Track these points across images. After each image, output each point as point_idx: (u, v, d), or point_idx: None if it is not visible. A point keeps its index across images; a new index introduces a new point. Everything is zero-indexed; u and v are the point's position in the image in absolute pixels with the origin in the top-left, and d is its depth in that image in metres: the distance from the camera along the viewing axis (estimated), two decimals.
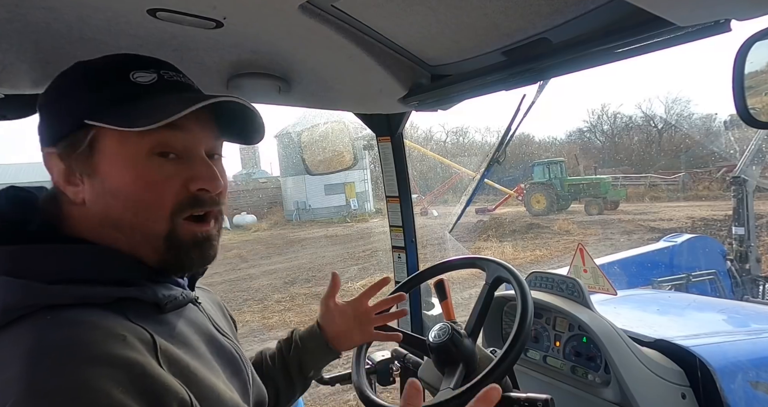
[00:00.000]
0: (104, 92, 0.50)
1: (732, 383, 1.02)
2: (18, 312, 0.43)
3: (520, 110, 1.60)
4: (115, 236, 0.50)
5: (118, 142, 0.49)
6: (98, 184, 0.50)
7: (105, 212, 0.50)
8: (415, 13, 0.77)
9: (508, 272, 0.92)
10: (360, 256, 10.49)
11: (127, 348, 0.43)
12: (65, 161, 0.50)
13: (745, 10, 0.59)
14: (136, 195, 0.50)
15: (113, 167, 0.50)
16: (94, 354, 0.41)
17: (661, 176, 17.05)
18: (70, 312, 0.44)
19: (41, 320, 0.42)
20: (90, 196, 0.50)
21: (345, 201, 19.46)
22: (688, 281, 3.24)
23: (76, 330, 0.42)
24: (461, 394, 0.76)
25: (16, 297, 0.43)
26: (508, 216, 13.90)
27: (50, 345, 0.41)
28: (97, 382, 0.39)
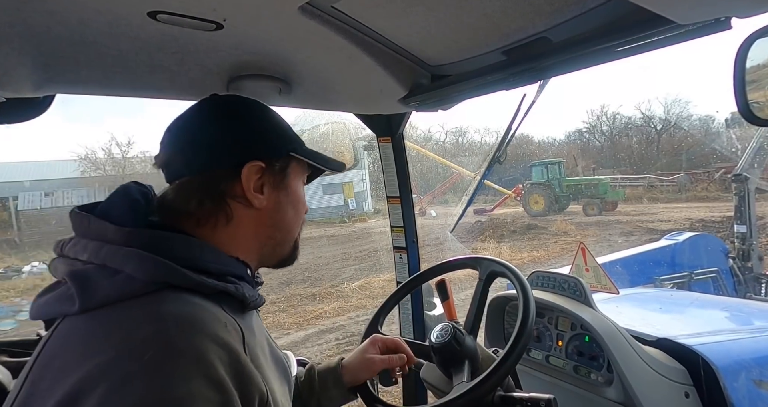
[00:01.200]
0: (292, 134, 0.71)
1: (735, 381, 1.02)
2: (157, 285, 0.51)
3: (520, 110, 1.60)
4: (262, 231, 0.66)
5: (297, 172, 0.70)
6: (281, 197, 0.67)
7: (279, 217, 0.67)
8: (414, 13, 0.77)
9: (510, 272, 0.92)
10: (357, 256, 10.46)
11: (227, 333, 0.51)
12: (261, 175, 0.64)
13: (746, 8, 0.59)
14: (299, 208, 0.71)
15: (295, 188, 0.70)
16: (207, 332, 0.49)
17: (659, 177, 17.02)
18: (188, 294, 0.53)
19: (170, 296, 0.51)
20: (270, 204, 0.65)
21: (343, 201, 19.44)
22: (690, 279, 3.23)
23: (195, 309, 0.51)
24: (478, 384, 0.76)
25: (160, 274, 0.52)
26: (506, 217, 13.84)
27: (179, 316, 0.49)
28: (210, 356, 0.47)
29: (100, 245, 0.53)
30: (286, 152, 0.67)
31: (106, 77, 0.88)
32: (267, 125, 0.68)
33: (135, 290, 0.50)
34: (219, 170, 0.62)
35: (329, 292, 7.53)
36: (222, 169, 0.62)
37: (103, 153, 20.84)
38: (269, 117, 0.69)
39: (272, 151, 0.66)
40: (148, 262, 0.52)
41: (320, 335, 5.59)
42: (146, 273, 0.51)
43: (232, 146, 0.63)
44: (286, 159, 0.68)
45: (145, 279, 0.51)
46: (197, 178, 0.61)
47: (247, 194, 0.63)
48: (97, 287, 0.50)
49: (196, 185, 0.61)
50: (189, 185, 0.61)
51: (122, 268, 0.51)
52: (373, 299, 6.74)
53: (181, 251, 0.55)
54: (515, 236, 11.23)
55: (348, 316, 6.24)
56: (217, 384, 0.45)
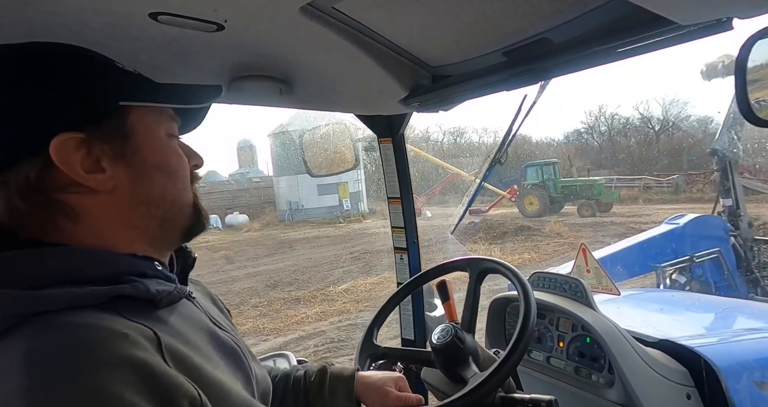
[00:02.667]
0: (122, 77, 0.52)
1: (737, 383, 1.01)
2: (7, 322, 0.40)
3: (521, 111, 1.59)
4: (133, 212, 0.51)
5: (149, 124, 0.52)
6: (137, 165, 0.51)
7: (144, 190, 0.51)
8: (415, 14, 0.77)
9: (511, 272, 0.92)
10: (347, 258, 10.36)
11: (132, 346, 0.41)
12: (86, 148, 0.47)
13: (747, 9, 0.58)
14: (174, 167, 0.54)
15: (154, 145, 0.52)
16: (97, 356, 0.38)
17: (655, 178, 17.00)
18: (61, 316, 0.41)
19: (32, 328, 0.40)
20: (122, 179, 0.49)
21: (338, 201, 19.40)
22: (692, 262, 3.20)
23: (74, 333, 0.40)
24: (479, 386, 0.76)
25: (6, 306, 0.40)
26: (499, 218, 13.72)
27: (48, 352, 0.38)
28: (106, 385, 0.37)
29: None
30: (113, 106, 0.49)
31: None
32: (67, 78, 0.48)
33: None
34: (19, 162, 0.45)
35: (314, 295, 7.42)
36: (23, 158, 0.45)
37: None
38: (73, 62, 0.50)
39: (90, 110, 0.47)
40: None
41: (299, 341, 5.42)
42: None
43: (23, 124, 0.45)
44: (120, 114, 0.50)
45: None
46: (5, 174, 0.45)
47: (78, 179, 0.46)
48: None
49: (7, 184, 0.45)
50: (4, 186, 0.45)
51: None
52: (358, 302, 6.67)
53: (30, 270, 0.43)
54: (508, 237, 11.16)
55: (330, 321, 6.11)
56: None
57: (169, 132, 0.55)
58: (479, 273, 0.97)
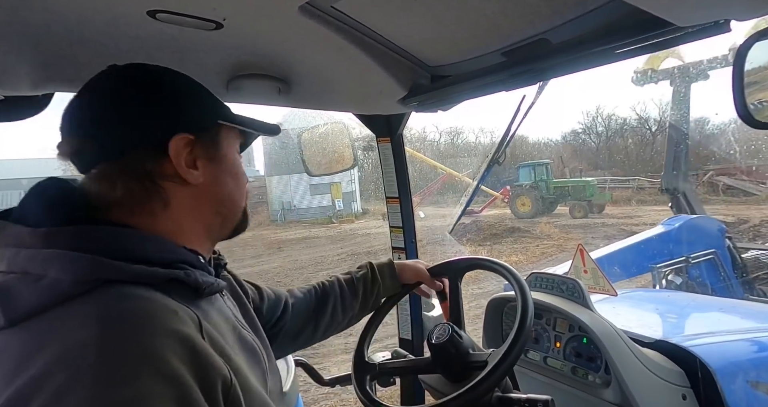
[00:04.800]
0: (217, 101, 0.66)
1: (732, 383, 1.02)
2: (89, 284, 0.47)
3: (519, 111, 1.60)
4: (206, 208, 0.62)
5: (230, 141, 0.66)
6: (217, 169, 0.62)
7: (219, 190, 0.63)
8: (414, 14, 0.77)
9: (510, 273, 0.93)
10: (334, 260, 10.25)
11: (180, 322, 0.48)
12: (191, 149, 0.58)
13: (745, 11, 0.59)
14: (240, 178, 0.67)
15: (231, 157, 0.65)
16: (155, 325, 0.46)
17: (649, 179, 17.04)
18: (128, 287, 0.49)
19: (107, 293, 0.47)
20: (208, 178, 0.61)
21: (331, 201, 19.29)
22: (688, 263, 3.21)
23: (138, 302, 0.47)
24: (476, 385, 0.76)
25: (88, 271, 0.48)
26: (491, 219, 13.63)
27: (118, 314, 0.45)
28: (160, 351, 0.44)
29: (16, 252, 0.49)
30: (214, 121, 0.62)
31: None
32: (189, 93, 0.62)
33: (64, 293, 0.46)
34: (141, 150, 0.56)
35: None
36: (145, 148, 0.56)
37: None
38: (190, 84, 0.63)
39: (200, 121, 0.61)
40: (71, 261, 0.47)
41: None
42: (73, 273, 0.47)
43: (152, 121, 0.56)
44: (216, 128, 0.63)
45: (73, 280, 0.47)
46: (118, 162, 0.55)
47: (180, 171, 0.57)
48: (20, 297, 0.46)
49: (117, 170, 0.55)
50: (110, 171, 0.55)
51: (45, 272, 0.47)
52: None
53: (110, 244, 0.50)
54: (496, 239, 11.09)
55: None
56: (170, 379, 0.43)
57: (237, 149, 0.69)
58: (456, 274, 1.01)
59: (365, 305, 1.02)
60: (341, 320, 1.00)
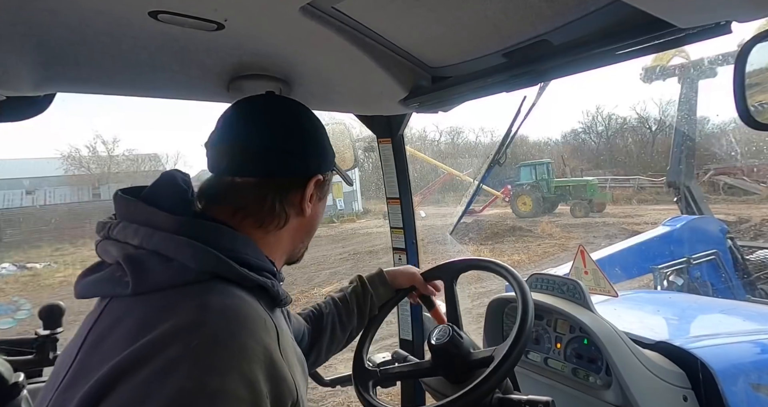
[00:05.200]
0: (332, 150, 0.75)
1: (733, 385, 1.02)
2: (207, 275, 0.53)
3: (520, 112, 1.60)
4: (299, 236, 0.71)
5: (329, 185, 0.74)
6: (320, 207, 0.73)
7: (313, 225, 0.74)
8: (415, 15, 0.77)
9: (510, 274, 0.92)
10: (336, 259, 10.29)
11: (266, 331, 0.52)
12: (316, 188, 0.68)
13: (746, 12, 0.59)
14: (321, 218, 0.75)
15: (325, 200, 0.75)
16: (250, 328, 0.50)
17: (649, 178, 17.00)
18: (233, 286, 0.54)
19: (217, 287, 0.53)
20: (312, 214, 0.71)
21: (332, 201, 19.33)
22: (689, 264, 3.21)
23: (240, 302, 0.53)
24: (477, 386, 0.76)
25: (211, 264, 0.53)
26: (492, 218, 13.61)
27: (226, 307, 0.51)
28: (249, 353, 0.48)
29: (151, 232, 0.54)
30: (331, 169, 0.73)
31: (106, 76, 0.88)
32: (326, 139, 0.73)
33: (186, 278, 0.52)
34: (292, 178, 0.66)
35: (297, 298, 7.36)
36: (295, 178, 0.66)
37: (87, 151, 20.12)
38: (324, 130, 0.73)
39: (328, 166, 0.72)
40: (200, 252, 0.53)
41: None
42: (198, 263, 0.52)
43: (309, 158, 0.67)
44: (329, 174, 0.73)
45: (196, 269, 0.52)
46: (269, 181, 0.64)
47: (303, 205, 0.67)
48: (151, 272, 0.52)
49: (266, 188, 0.63)
50: (258, 186, 0.63)
51: (175, 256, 0.52)
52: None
53: (227, 244, 0.56)
54: (498, 238, 11.07)
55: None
56: (250, 383, 0.46)
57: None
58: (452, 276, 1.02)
59: (362, 317, 1.04)
60: (342, 338, 1.02)
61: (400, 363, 1.11)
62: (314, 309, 1.03)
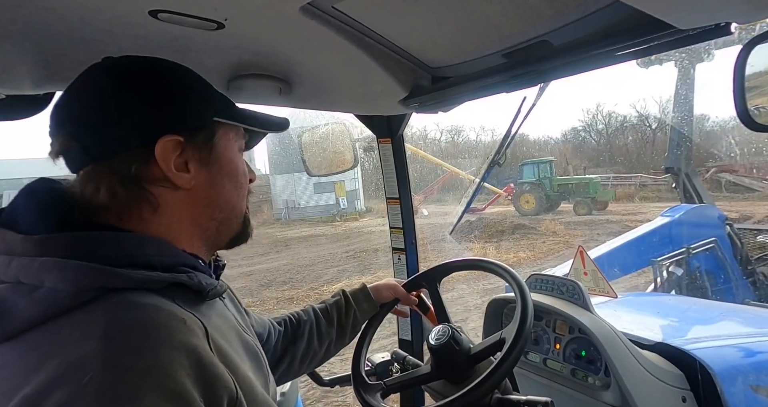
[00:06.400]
0: (216, 96, 0.61)
1: (732, 386, 1.02)
2: (90, 293, 0.45)
3: (520, 113, 1.60)
4: (199, 212, 0.58)
5: (229, 139, 0.61)
6: (215, 171, 0.58)
7: (215, 194, 0.59)
8: (416, 15, 0.77)
9: (509, 275, 0.92)
10: (343, 257, 10.36)
11: (188, 332, 0.46)
12: (181, 151, 0.54)
13: (746, 14, 0.59)
14: (239, 180, 0.62)
15: (229, 157, 0.60)
16: (162, 337, 0.43)
17: (651, 176, 17.01)
18: (132, 295, 0.46)
19: (109, 302, 0.45)
20: (201, 181, 0.57)
21: (335, 200, 19.37)
22: (689, 254, 3.19)
23: (144, 312, 0.45)
24: (476, 387, 0.76)
25: (88, 279, 0.45)
26: (495, 216, 13.74)
27: (123, 325, 0.43)
28: (166, 365, 0.41)
29: (8, 260, 0.46)
30: (209, 119, 0.57)
31: None
32: (180, 90, 0.56)
33: (62, 304, 0.44)
34: (126, 153, 0.52)
35: (308, 295, 7.40)
36: (129, 150, 0.52)
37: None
38: (181, 79, 0.58)
39: (191, 120, 0.56)
40: (70, 270, 0.45)
41: None
42: (71, 283, 0.44)
43: (136, 122, 0.52)
44: (211, 127, 0.58)
45: (71, 290, 0.44)
46: (101, 165, 0.52)
47: (169, 175, 0.53)
48: (14, 309, 0.43)
49: (101, 173, 0.52)
50: (94, 174, 0.52)
51: (40, 282, 0.44)
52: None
53: (110, 250, 0.48)
54: (503, 236, 11.17)
55: None
56: (176, 396, 0.40)
57: (240, 148, 0.64)
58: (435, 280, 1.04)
59: (342, 332, 1.00)
60: (318, 349, 0.97)
61: (398, 363, 1.12)
62: (292, 316, 0.99)
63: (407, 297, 1.07)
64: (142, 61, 0.57)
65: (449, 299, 5.92)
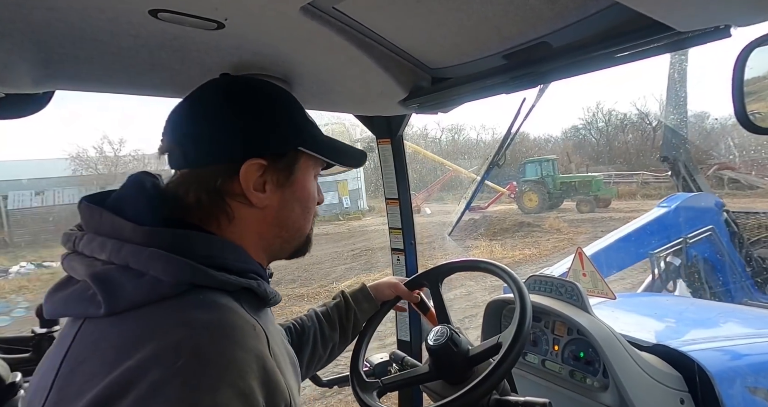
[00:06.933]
0: (307, 125, 0.66)
1: (730, 388, 1.02)
2: (183, 287, 0.50)
3: (520, 113, 1.60)
4: (266, 230, 0.63)
5: (308, 167, 0.66)
6: (288, 195, 0.63)
7: (284, 215, 0.64)
8: (416, 15, 0.77)
9: (508, 276, 0.92)
10: (349, 255, 10.43)
11: (257, 338, 0.50)
12: (263, 173, 0.60)
13: (745, 17, 0.59)
14: (309, 205, 0.67)
15: (303, 183, 0.65)
16: (238, 339, 0.47)
17: (653, 173, 17.03)
18: (213, 294, 0.51)
19: (197, 298, 0.50)
20: (274, 203, 0.62)
21: (338, 199, 19.40)
22: (686, 243, 3.15)
23: (225, 313, 0.50)
24: (474, 388, 0.76)
25: (186, 274, 0.50)
26: (499, 214, 13.83)
27: (209, 321, 0.47)
28: (241, 365, 0.45)
29: (119, 245, 0.51)
30: (293, 147, 0.62)
31: (106, 74, 0.88)
32: (274, 117, 0.62)
33: (162, 293, 0.49)
34: (216, 166, 0.58)
35: (317, 292, 7.49)
36: (219, 164, 0.58)
37: (94, 152, 20.22)
38: (279, 106, 0.63)
39: (277, 146, 0.61)
40: (173, 264, 0.50)
41: None
42: (172, 275, 0.49)
43: (230, 141, 0.58)
44: (294, 154, 0.63)
45: (171, 281, 0.49)
46: (195, 171, 0.58)
47: (247, 194, 0.59)
48: (123, 290, 0.48)
49: (192, 178, 0.58)
50: (187, 178, 0.58)
51: (147, 270, 0.49)
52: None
53: (202, 250, 0.53)
54: (508, 234, 11.22)
55: None
56: (245, 395, 0.44)
57: (316, 174, 0.69)
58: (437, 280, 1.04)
59: (345, 334, 1.01)
60: (323, 354, 0.98)
61: (397, 364, 1.12)
62: (296, 322, 0.99)
63: (409, 294, 1.08)
64: (255, 84, 0.64)
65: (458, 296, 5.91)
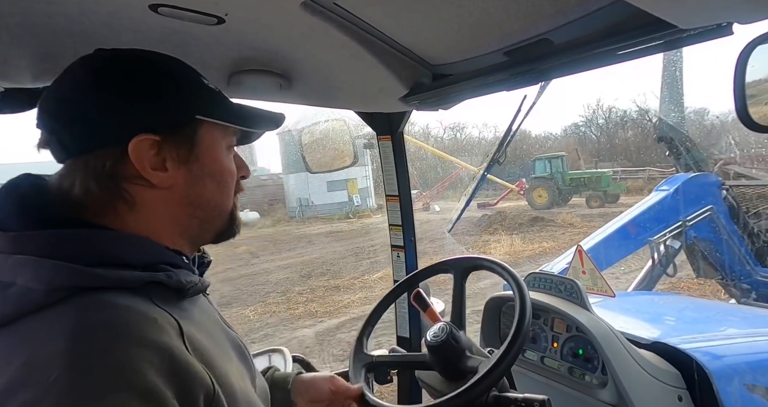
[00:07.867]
0: (203, 93, 0.58)
1: (728, 386, 1.02)
2: (63, 292, 0.45)
3: (521, 111, 1.60)
4: (178, 211, 0.56)
5: (214, 138, 0.58)
6: (196, 170, 0.56)
7: (195, 192, 0.57)
8: (417, 12, 0.77)
9: (508, 274, 0.92)
10: (370, 250, 10.68)
11: (159, 331, 0.45)
12: (158, 149, 0.53)
13: (748, 14, 0.59)
14: (224, 178, 0.60)
15: (213, 156, 0.58)
16: (132, 335, 0.43)
17: (658, 169, 17.11)
18: (105, 294, 0.46)
19: (81, 301, 0.45)
20: (180, 180, 0.55)
21: (347, 197, 19.49)
22: (685, 226, 3.10)
23: (115, 312, 0.45)
24: (474, 385, 0.76)
25: (62, 279, 0.45)
26: (511, 210, 13.99)
27: (93, 325, 0.43)
28: (135, 363, 0.41)
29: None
30: (191, 118, 0.55)
31: None
32: (156, 87, 0.54)
33: (35, 302, 0.44)
34: (101, 150, 0.51)
35: (352, 283, 7.76)
36: (105, 148, 0.51)
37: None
38: (161, 74, 0.55)
39: (168, 118, 0.54)
40: (44, 268, 0.45)
41: (353, 322, 5.85)
42: (45, 282, 0.44)
43: (109, 120, 0.51)
44: (192, 125, 0.56)
45: (45, 288, 0.44)
46: (78, 160, 0.51)
47: (144, 174, 0.52)
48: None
49: (77, 168, 0.51)
50: (71, 169, 0.51)
51: (13, 280, 0.44)
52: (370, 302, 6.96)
53: (85, 248, 0.48)
54: (523, 228, 11.43)
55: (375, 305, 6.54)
56: (145, 393, 0.40)
57: (229, 145, 0.61)
58: (463, 272, 1.00)
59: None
60: None
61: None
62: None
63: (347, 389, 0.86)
64: (126, 54, 0.55)
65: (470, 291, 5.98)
